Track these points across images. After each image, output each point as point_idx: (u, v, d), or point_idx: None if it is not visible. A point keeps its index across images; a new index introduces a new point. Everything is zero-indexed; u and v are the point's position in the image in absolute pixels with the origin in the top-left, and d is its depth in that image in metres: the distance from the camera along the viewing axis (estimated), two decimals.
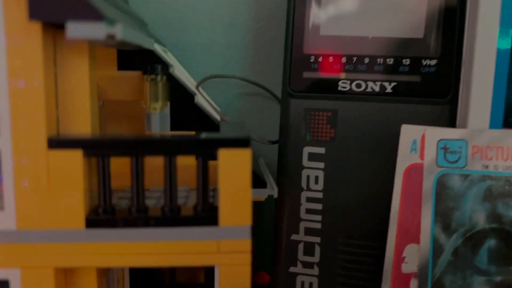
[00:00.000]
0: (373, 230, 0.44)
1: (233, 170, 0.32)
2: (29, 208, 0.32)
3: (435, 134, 0.41)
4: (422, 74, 0.43)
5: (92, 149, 0.32)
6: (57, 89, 0.33)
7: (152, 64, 0.39)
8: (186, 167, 0.40)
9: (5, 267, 0.32)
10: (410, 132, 0.42)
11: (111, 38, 0.29)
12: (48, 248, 0.32)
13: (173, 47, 0.56)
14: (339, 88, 0.44)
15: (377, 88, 0.44)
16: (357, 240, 0.45)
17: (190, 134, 0.33)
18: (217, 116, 0.44)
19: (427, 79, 0.43)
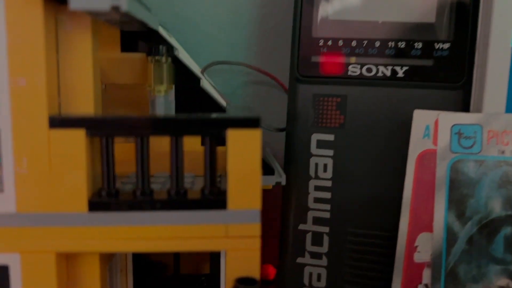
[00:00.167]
0: (383, 219, 0.43)
1: (243, 151, 0.31)
2: (29, 190, 0.30)
3: (449, 119, 0.40)
4: (434, 58, 0.41)
5: (96, 129, 0.30)
6: (59, 68, 0.32)
7: (156, 45, 0.38)
8: (191, 153, 0.38)
9: (4, 252, 0.31)
10: (422, 117, 0.41)
11: (116, 11, 0.27)
12: (49, 232, 0.31)
13: (176, 34, 0.54)
14: (349, 72, 0.43)
15: (388, 73, 0.42)
16: (367, 229, 0.44)
17: (198, 114, 0.31)
18: (223, 102, 0.43)
19: (440, 63, 0.41)
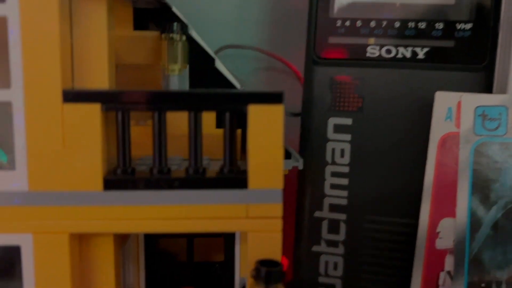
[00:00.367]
0: (403, 205, 0.42)
1: (264, 127, 0.30)
2: (42, 167, 0.29)
3: (472, 101, 0.39)
4: (456, 39, 0.40)
5: (112, 103, 0.29)
6: (73, 43, 0.30)
7: (170, 23, 0.36)
8: (206, 136, 0.37)
9: (16, 232, 0.29)
10: (444, 99, 0.39)
11: None
12: (63, 212, 0.29)
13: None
14: (368, 54, 0.42)
15: (408, 54, 0.41)
16: (386, 216, 0.42)
17: (217, 89, 0.30)
18: (237, 84, 0.42)
19: (462, 44, 0.40)
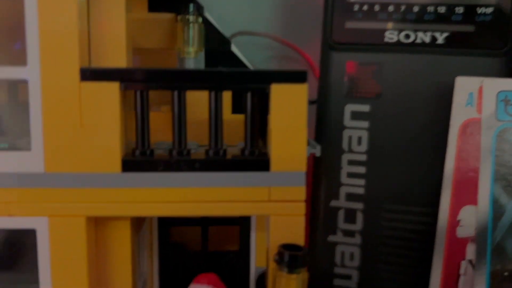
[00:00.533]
0: (423, 194, 0.41)
1: (287, 107, 0.29)
2: (58, 148, 0.28)
3: (494, 86, 0.38)
4: (476, 23, 0.39)
5: (131, 81, 0.28)
6: (90, 23, 0.29)
7: (186, 4, 0.35)
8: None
9: (31, 215, 0.28)
10: (465, 84, 0.39)
11: None
12: (79, 194, 0.28)
13: None
14: (386, 39, 0.41)
15: (427, 39, 0.40)
16: (404, 205, 0.41)
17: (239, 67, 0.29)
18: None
19: (482, 28, 0.39)
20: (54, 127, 0.28)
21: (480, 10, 0.39)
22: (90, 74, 0.28)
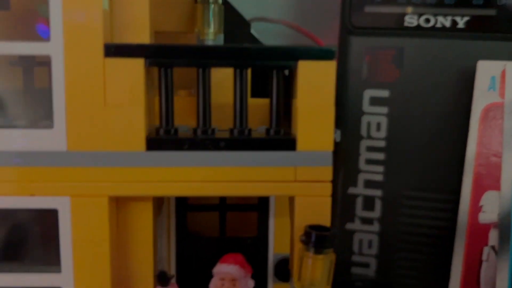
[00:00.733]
0: (443, 180, 0.40)
1: (315, 86, 0.28)
2: (81, 126, 0.28)
3: None
4: (498, 7, 0.39)
5: (156, 58, 0.27)
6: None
7: None
8: None
9: (53, 194, 0.28)
10: (487, 68, 0.38)
11: None
12: (102, 173, 0.28)
13: None
14: (405, 23, 0.40)
15: (448, 23, 0.40)
16: (424, 192, 0.41)
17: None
18: None
19: (504, 12, 0.39)
20: (77, 104, 0.27)
21: None
22: (115, 50, 0.27)
